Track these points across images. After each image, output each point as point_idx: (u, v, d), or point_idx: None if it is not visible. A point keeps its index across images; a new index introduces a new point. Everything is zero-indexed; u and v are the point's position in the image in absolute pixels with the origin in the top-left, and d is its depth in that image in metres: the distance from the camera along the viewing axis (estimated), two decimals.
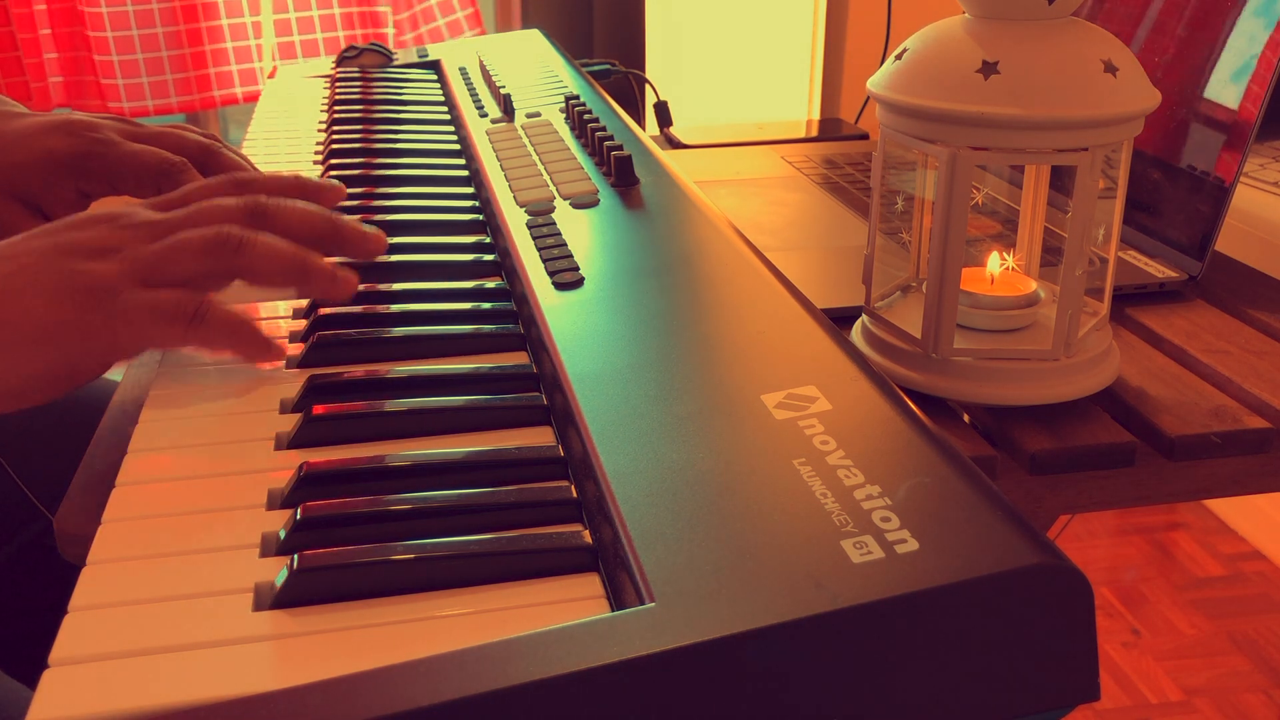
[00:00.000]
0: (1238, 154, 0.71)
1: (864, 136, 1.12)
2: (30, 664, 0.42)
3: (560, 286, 0.55)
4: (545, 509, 0.41)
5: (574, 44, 1.98)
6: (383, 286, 0.58)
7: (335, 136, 0.86)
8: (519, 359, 0.53)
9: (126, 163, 0.65)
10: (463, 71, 1.05)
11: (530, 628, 0.32)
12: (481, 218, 0.69)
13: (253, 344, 0.51)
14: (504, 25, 2.07)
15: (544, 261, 0.58)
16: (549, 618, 0.35)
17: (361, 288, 0.58)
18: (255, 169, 0.70)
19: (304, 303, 0.59)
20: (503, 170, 0.74)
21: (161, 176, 0.65)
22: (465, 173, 0.78)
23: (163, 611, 0.36)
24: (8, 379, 0.47)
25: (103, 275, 0.48)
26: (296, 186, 0.58)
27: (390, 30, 1.92)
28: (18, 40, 1.73)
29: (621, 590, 0.36)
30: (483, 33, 1.94)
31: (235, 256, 0.50)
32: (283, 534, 0.39)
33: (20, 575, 0.75)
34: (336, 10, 1.91)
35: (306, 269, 0.52)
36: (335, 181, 0.60)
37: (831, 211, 0.85)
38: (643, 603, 0.33)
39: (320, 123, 0.94)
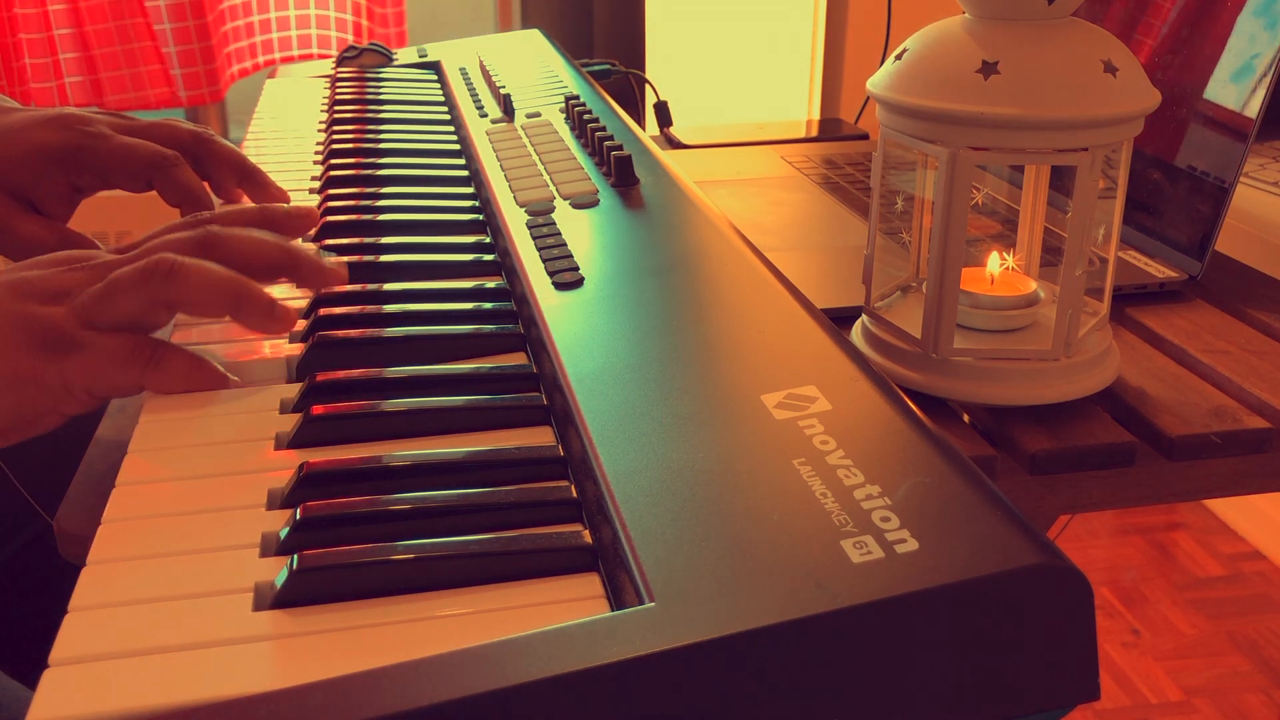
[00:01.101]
0: (1238, 154, 0.71)
1: (864, 136, 1.12)
2: (30, 664, 0.42)
3: (560, 286, 0.55)
4: (545, 509, 0.41)
5: (574, 44, 1.98)
6: (383, 286, 0.58)
7: (335, 136, 0.86)
8: (519, 359, 0.53)
9: (118, 155, 0.65)
10: (463, 71, 1.05)
11: (530, 628, 0.32)
12: (481, 218, 0.69)
13: (211, 383, 0.50)
14: (504, 25, 2.07)
15: (544, 261, 0.58)
16: (549, 618, 0.35)
17: (362, 288, 0.58)
18: (248, 161, 0.70)
19: (304, 302, 0.59)
20: (503, 170, 0.74)
21: (153, 169, 0.65)
22: (465, 173, 0.78)
23: (163, 611, 0.36)
24: None
25: (51, 318, 0.48)
26: (259, 217, 0.57)
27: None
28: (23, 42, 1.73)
29: (621, 590, 0.36)
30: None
31: (166, 284, 0.49)
32: (283, 534, 0.39)
33: (20, 575, 0.75)
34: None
35: (240, 298, 0.50)
36: (308, 207, 0.58)
37: (831, 211, 0.85)
38: (643, 603, 0.33)
39: (320, 123, 0.94)
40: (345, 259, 0.62)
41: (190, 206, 0.66)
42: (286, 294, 0.60)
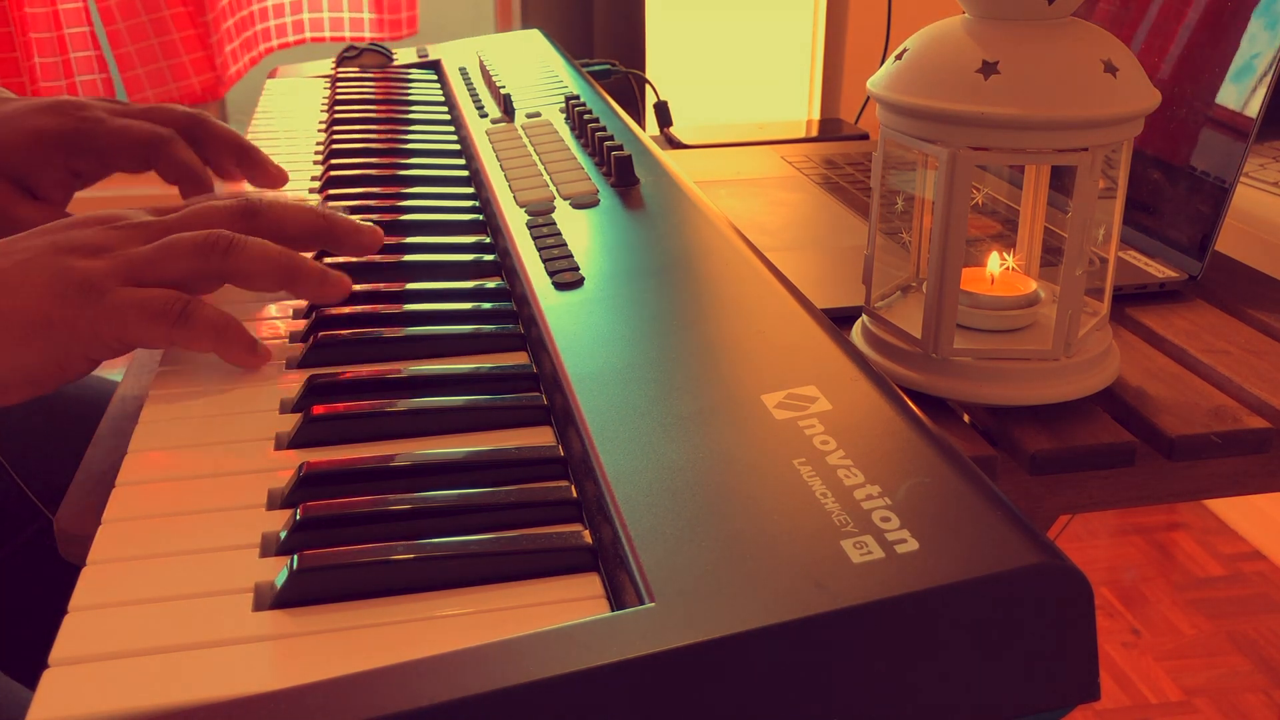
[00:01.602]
0: (1238, 154, 0.71)
1: (864, 136, 1.12)
2: (30, 664, 0.42)
3: (560, 286, 0.55)
4: (545, 509, 0.41)
5: (574, 44, 1.98)
6: (383, 286, 0.58)
7: (335, 136, 0.86)
8: (519, 359, 0.53)
9: (116, 137, 0.65)
10: (463, 71, 1.05)
11: (530, 628, 0.32)
12: (481, 218, 0.69)
13: (238, 344, 0.51)
14: (504, 25, 2.07)
15: (544, 261, 0.58)
16: (549, 618, 0.35)
17: (362, 288, 0.58)
18: (245, 141, 0.70)
19: (304, 303, 0.59)
20: (503, 170, 0.74)
21: (150, 149, 0.65)
22: (465, 173, 0.78)
23: (163, 611, 0.36)
24: None
25: (93, 272, 0.48)
26: (322, 225, 0.57)
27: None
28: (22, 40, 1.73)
29: (621, 590, 0.36)
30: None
31: (224, 259, 0.50)
32: (283, 534, 0.39)
33: (20, 575, 0.75)
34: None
35: (295, 271, 0.52)
36: (371, 228, 0.59)
37: (831, 211, 0.85)
38: (643, 603, 0.33)
39: (320, 123, 0.94)
40: (346, 259, 0.62)
41: (189, 183, 0.67)
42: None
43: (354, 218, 0.57)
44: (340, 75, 1.07)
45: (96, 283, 0.48)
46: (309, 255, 0.55)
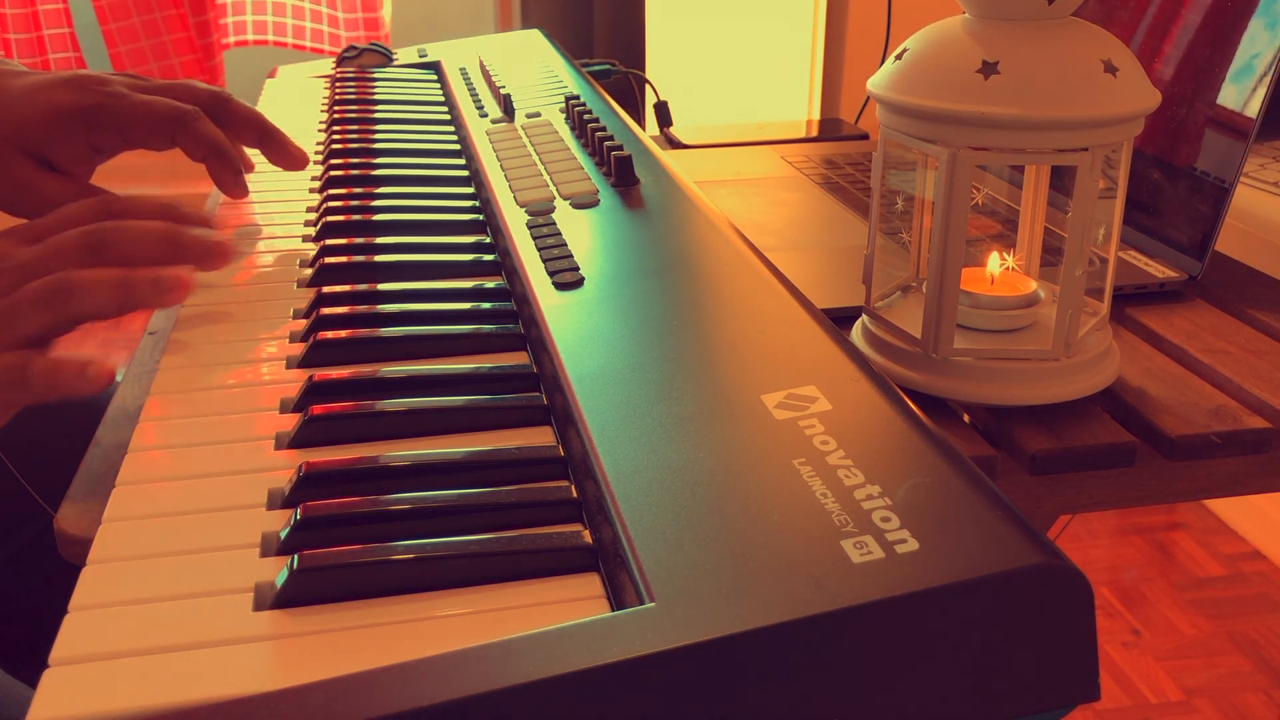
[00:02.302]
0: (1238, 154, 0.71)
1: (864, 136, 1.12)
2: (30, 664, 0.42)
3: (560, 286, 0.55)
4: (545, 509, 0.41)
5: (574, 44, 1.98)
6: (383, 286, 0.58)
7: (335, 136, 0.86)
8: (519, 359, 0.53)
9: (138, 113, 0.64)
10: (463, 71, 1.05)
11: (530, 628, 0.32)
12: (481, 218, 0.69)
13: (86, 382, 0.49)
14: (504, 25, 2.07)
15: (544, 261, 0.58)
16: (549, 618, 0.35)
17: (361, 288, 0.58)
18: (268, 121, 0.70)
19: (304, 303, 0.59)
20: (503, 170, 0.74)
21: (174, 125, 0.65)
22: (465, 173, 0.78)
23: (163, 611, 0.36)
24: None
25: None
26: (157, 209, 0.56)
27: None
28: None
29: (621, 590, 0.36)
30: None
31: (68, 304, 0.49)
32: (283, 534, 0.39)
33: (20, 575, 0.75)
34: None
35: (131, 293, 0.51)
36: (218, 242, 0.57)
37: (831, 211, 0.85)
38: (643, 603, 0.33)
39: (320, 123, 0.94)
40: (345, 259, 0.62)
41: (215, 159, 0.66)
42: (288, 291, 0.60)
43: (206, 232, 0.56)
44: (340, 75, 1.07)
45: None
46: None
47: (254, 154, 0.75)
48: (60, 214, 0.55)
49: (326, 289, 0.58)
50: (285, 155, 0.71)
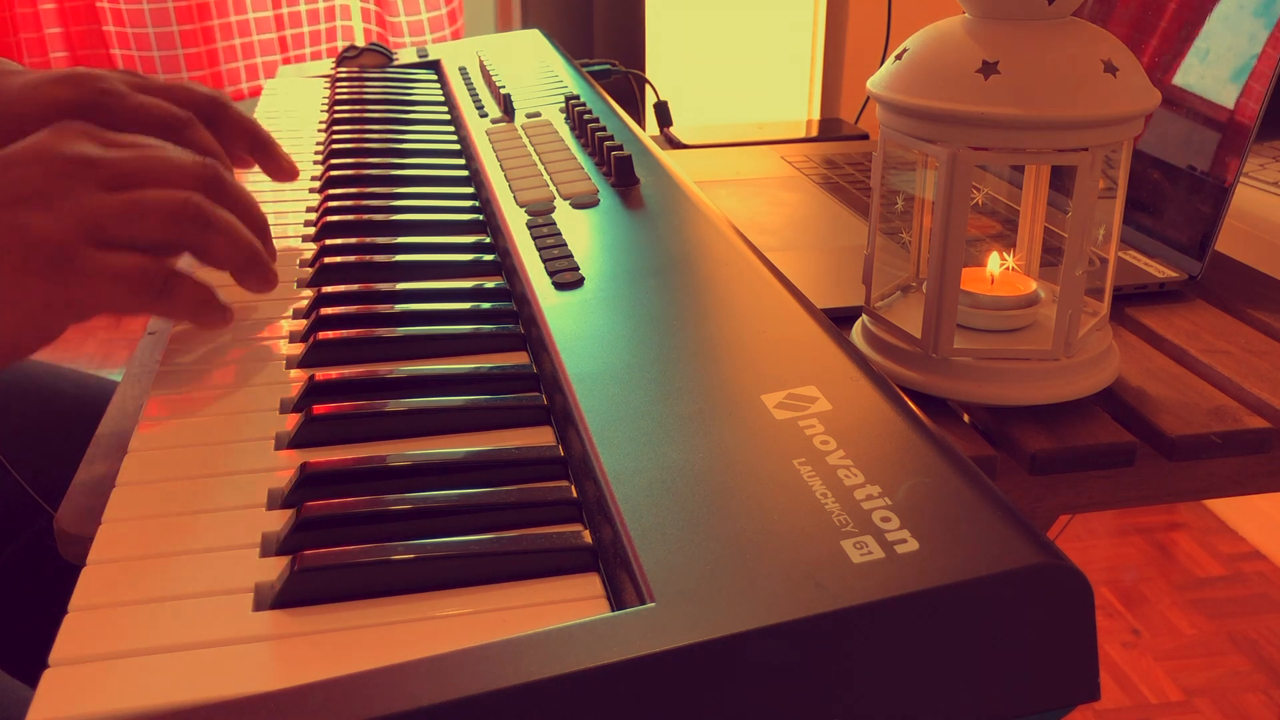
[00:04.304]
0: (1238, 154, 0.71)
1: (864, 136, 1.12)
2: (30, 664, 0.42)
3: (560, 286, 0.55)
4: (545, 509, 0.41)
5: (574, 44, 1.98)
6: (383, 286, 0.58)
7: (335, 136, 0.86)
8: (519, 359, 0.53)
9: (134, 115, 0.64)
10: (463, 71, 1.05)
11: (530, 628, 0.32)
12: (481, 218, 0.69)
13: (213, 314, 0.49)
14: (504, 25, 2.07)
15: (544, 261, 0.58)
16: (549, 618, 0.35)
17: (361, 288, 0.58)
18: (262, 130, 0.70)
19: (304, 303, 0.59)
20: (503, 170, 0.74)
21: (167, 130, 0.64)
22: (465, 173, 0.78)
23: (163, 611, 0.36)
24: None
25: (54, 234, 0.46)
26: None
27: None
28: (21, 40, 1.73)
29: (621, 590, 0.36)
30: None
31: (201, 233, 0.49)
32: (283, 534, 0.39)
33: (20, 575, 0.75)
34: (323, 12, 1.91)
35: (253, 263, 0.51)
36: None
37: (831, 211, 0.85)
38: (643, 603, 0.33)
39: (320, 123, 0.94)
40: (345, 259, 0.62)
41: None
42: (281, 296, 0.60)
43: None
44: (340, 75, 1.07)
45: (60, 246, 0.45)
46: None
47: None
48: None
49: (326, 289, 0.58)
50: (277, 166, 0.71)
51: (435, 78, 1.07)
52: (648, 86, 1.22)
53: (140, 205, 0.48)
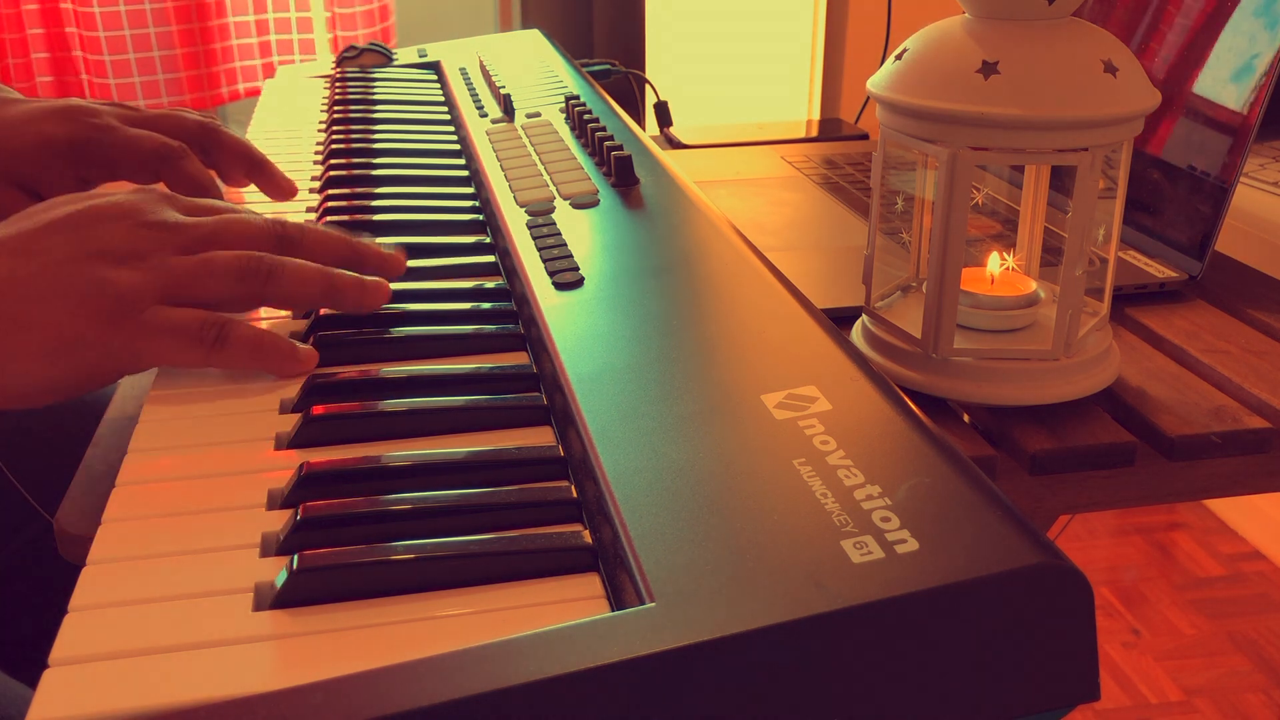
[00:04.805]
0: (1238, 154, 0.71)
1: (864, 136, 1.12)
2: (30, 664, 0.42)
3: (560, 286, 0.55)
4: (545, 509, 0.41)
5: (574, 44, 1.98)
6: None
7: (335, 136, 0.86)
8: (519, 359, 0.53)
9: (125, 148, 0.64)
10: (463, 71, 1.05)
11: (530, 628, 0.32)
12: (481, 218, 0.69)
13: (278, 356, 0.50)
14: (504, 25, 2.07)
15: (544, 261, 0.58)
16: (549, 618, 0.35)
17: None
18: (256, 151, 0.70)
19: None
20: (503, 170, 0.74)
21: (160, 161, 0.65)
22: (465, 173, 0.78)
23: (163, 611, 0.36)
24: (19, 383, 0.46)
25: (129, 287, 0.47)
26: (349, 252, 0.57)
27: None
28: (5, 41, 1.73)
29: (621, 590, 0.36)
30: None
31: (265, 284, 0.50)
32: (283, 534, 0.39)
33: (20, 575, 0.75)
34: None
35: (334, 287, 0.52)
36: (397, 256, 0.58)
37: (831, 211, 0.85)
38: (643, 603, 0.33)
39: (320, 123, 0.94)
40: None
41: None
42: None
43: (379, 245, 0.57)
44: (340, 75, 1.07)
45: (133, 300, 0.47)
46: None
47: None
48: (211, 201, 0.55)
49: None
50: (275, 186, 0.71)
51: (435, 78, 1.07)
52: (648, 86, 1.22)
53: (207, 264, 0.50)
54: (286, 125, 0.94)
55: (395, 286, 0.58)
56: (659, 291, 0.53)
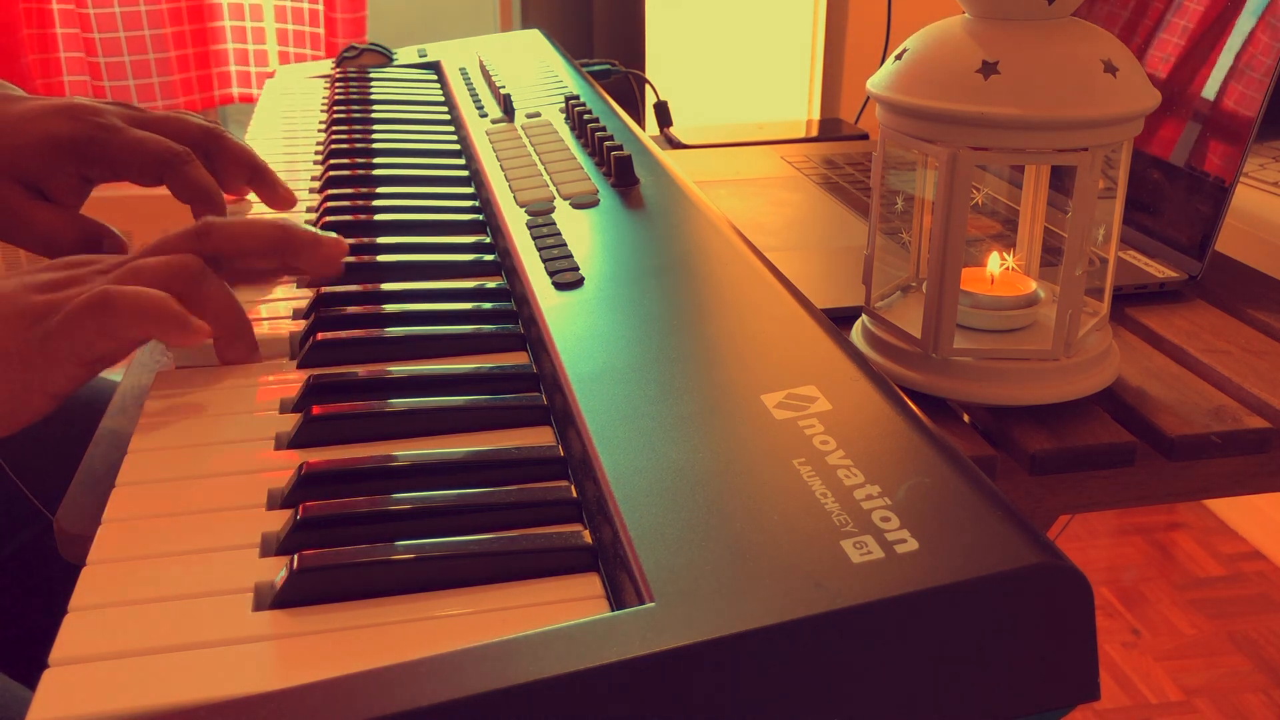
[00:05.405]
0: (1238, 154, 0.71)
1: (864, 136, 1.12)
2: (30, 664, 0.42)
3: (560, 286, 0.55)
4: (545, 509, 0.41)
5: (574, 44, 1.98)
6: (383, 286, 0.58)
7: (335, 136, 0.86)
8: (519, 359, 0.53)
9: (129, 150, 0.64)
10: (463, 71, 1.05)
11: (530, 628, 0.32)
12: (481, 218, 0.69)
13: (166, 321, 0.48)
14: (504, 25, 2.07)
15: (544, 261, 0.58)
16: (549, 618, 0.35)
17: (361, 288, 0.58)
18: (259, 159, 0.70)
19: (304, 303, 0.59)
20: (503, 170, 0.74)
21: (164, 165, 0.64)
22: (465, 173, 0.78)
23: (163, 611, 0.36)
24: None
25: (50, 302, 0.48)
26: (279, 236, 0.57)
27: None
28: None
29: (621, 590, 0.36)
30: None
31: (102, 318, 0.48)
32: (283, 534, 0.39)
33: (20, 575, 0.75)
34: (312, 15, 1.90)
35: (163, 316, 0.49)
36: (332, 237, 0.57)
37: (831, 211, 0.85)
38: (643, 603, 0.33)
39: (320, 123, 0.94)
40: (346, 258, 0.62)
41: (201, 203, 0.66)
42: (287, 294, 0.60)
43: (315, 229, 0.56)
44: (340, 75, 1.07)
45: (51, 310, 0.48)
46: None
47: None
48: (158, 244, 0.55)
49: (326, 289, 0.58)
50: (275, 195, 0.71)
51: (435, 78, 1.07)
52: (648, 86, 1.22)
53: (133, 270, 0.50)
54: (287, 125, 0.94)
55: (396, 286, 0.59)
56: (659, 292, 0.53)
